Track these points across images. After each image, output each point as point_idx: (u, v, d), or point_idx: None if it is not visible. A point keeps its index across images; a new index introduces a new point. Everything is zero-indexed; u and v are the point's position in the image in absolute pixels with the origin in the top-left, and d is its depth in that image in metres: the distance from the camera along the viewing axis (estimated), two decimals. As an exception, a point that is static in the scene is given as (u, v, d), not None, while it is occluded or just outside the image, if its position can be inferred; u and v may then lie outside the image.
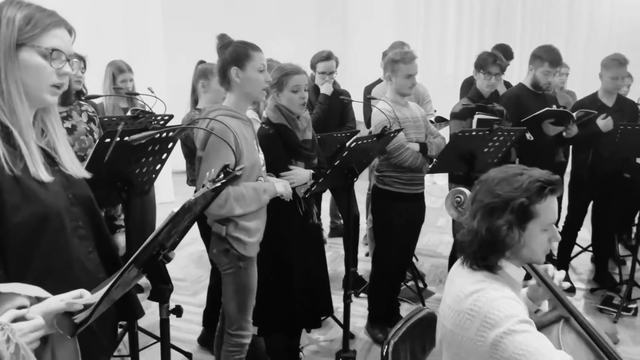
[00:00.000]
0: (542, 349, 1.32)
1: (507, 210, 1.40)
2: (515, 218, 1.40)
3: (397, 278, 3.41)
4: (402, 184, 3.09)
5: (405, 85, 3.03)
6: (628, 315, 3.62)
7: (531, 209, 1.41)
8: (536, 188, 1.41)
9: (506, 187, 1.43)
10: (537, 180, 1.42)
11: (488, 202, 1.44)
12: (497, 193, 1.43)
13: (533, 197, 1.40)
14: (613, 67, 3.68)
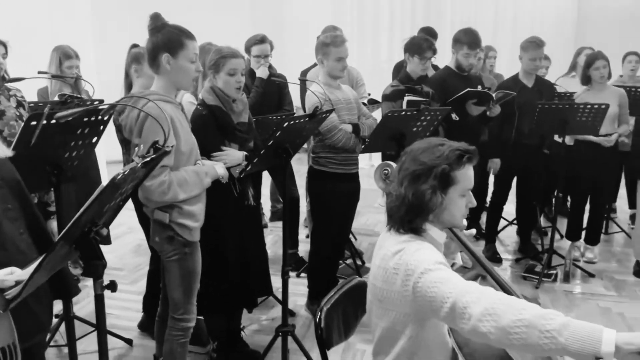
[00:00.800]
0: (454, 278, 1.41)
1: (431, 176, 1.52)
2: (438, 183, 1.53)
3: (335, 256, 3.52)
4: (337, 164, 3.19)
5: (336, 68, 3.11)
6: (548, 281, 3.91)
7: (451, 175, 1.54)
8: (456, 156, 1.54)
9: (430, 156, 1.55)
10: (457, 149, 1.55)
11: (414, 169, 1.55)
12: (421, 161, 1.55)
13: (453, 165, 1.53)
14: (531, 49, 3.92)
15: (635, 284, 3.90)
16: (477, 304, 1.30)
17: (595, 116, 3.71)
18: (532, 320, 1.23)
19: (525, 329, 1.23)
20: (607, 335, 1.18)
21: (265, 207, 5.14)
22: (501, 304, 1.29)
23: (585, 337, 1.19)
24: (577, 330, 1.20)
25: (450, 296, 1.35)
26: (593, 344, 1.18)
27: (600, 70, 3.99)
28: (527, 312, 1.25)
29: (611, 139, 3.97)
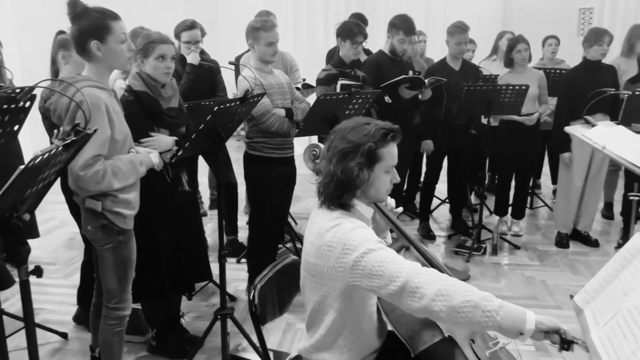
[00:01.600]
0: (399, 258, 1.52)
1: (358, 153, 1.60)
2: (365, 160, 1.60)
3: (274, 240, 3.56)
4: (272, 148, 3.22)
5: (267, 53, 3.13)
6: (478, 254, 4.13)
7: (377, 152, 1.61)
8: (381, 134, 1.61)
9: (357, 134, 1.62)
10: (382, 128, 1.63)
11: (342, 147, 1.62)
12: (349, 139, 1.62)
13: (379, 143, 1.61)
14: (456, 34, 4.08)
15: (556, 253, 4.18)
16: (430, 285, 1.43)
17: (517, 97, 3.93)
18: (477, 302, 1.41)
19: (472, 309, 1.40)
20: (529, 316, 1.43)
21: (204, 196, 5.11)
22: (451, 286, 1.43)
23: (515, 317, 1.41)
24: (509, 311, 1.42)
25: (400, 276, 1.45)
26: (520, 322, 1.41)
27: (521, 53, 4.21)
28: (473, 294, 1.43)
29: (532, 118, 4.20)
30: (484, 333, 1.84)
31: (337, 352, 1.68)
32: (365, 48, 4.37)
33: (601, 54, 4.07)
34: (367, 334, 1.71)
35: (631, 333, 1.56)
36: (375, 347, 1.77)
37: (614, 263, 1.89)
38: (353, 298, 1.63)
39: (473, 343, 1.71)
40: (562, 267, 3.91)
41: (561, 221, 4.34)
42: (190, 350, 2.73)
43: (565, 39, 5.50)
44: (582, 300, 1.92)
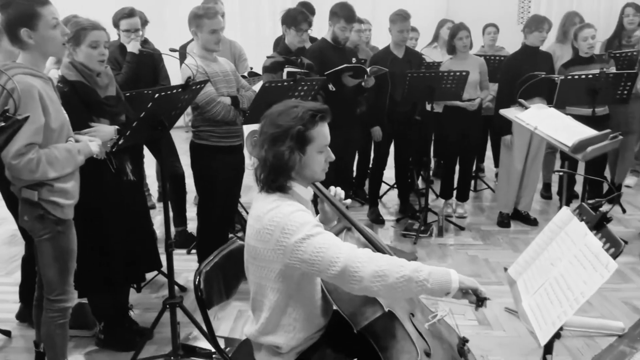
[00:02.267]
0: (337, 242, 1.58)
1: (288, 137, 1.62)
2: (295, 143, 1.63)
3: (223, 229, 3.56)
4: (219, 137, 3.21)
5: (211, 41, 3.11)
6: (425, 236, 4.25)
7: (307, 134, 1.64)
8: (309, 116, 1.64)
9: (285, 118, 1.64)
10: (310, 109, 1.65)
11: (272, 132, 1.64)
12: (278, 124, 1.64)
13: (307, 124, 1.64)
14: (398, 22, 4.16)
15: (498, 232, 4.36)
16: (367, 267, 1.50)
17: (458, 83, 4.05)
18: (410, 275, 1.50)
19: (407, 283, 1.50)
20: (454, 276, 1.54)
21: (153, 188, 5.03)
22: (386, 265, 1.51)
23: (442, 280, 1.53)
24: (437, 276, 1.52)
25: (339, 261, 1.51)
26: (447, 284, 1.53)
27: (463, 41, 4.34)
28: (405, 268, 1.51)
29: (474, 103, 4.35)
30: (424, 307, 1.92)
31: (282, 332, 1.72)
32: (311, 36, 4.40)
33: (540, 40, 4.24)
34: (312, 313, 1.75)
35: (557, 299, 1.67)
36: (322, 325, 1.81)
37: (543, 236, 2.01)
38: (293, 278, 1.66)
39: (413, 317, 1.78)
40: (504, 246, 4.09)
41: (503, 202, 4.52)
42: (139, 341, 2.70)
43: (505, 27, 5.70)
44: (514, 272, 2.03)
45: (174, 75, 4.04)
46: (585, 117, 3.79)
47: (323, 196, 1.87)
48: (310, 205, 1.80)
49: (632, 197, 5.05)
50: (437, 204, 4.93)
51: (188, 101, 2.68)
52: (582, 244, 1.72)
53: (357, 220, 1.91)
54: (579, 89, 3.74)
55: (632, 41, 4.70)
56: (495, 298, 3.24)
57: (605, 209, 1.88)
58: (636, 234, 4.10)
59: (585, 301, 1.56)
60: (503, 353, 2.72)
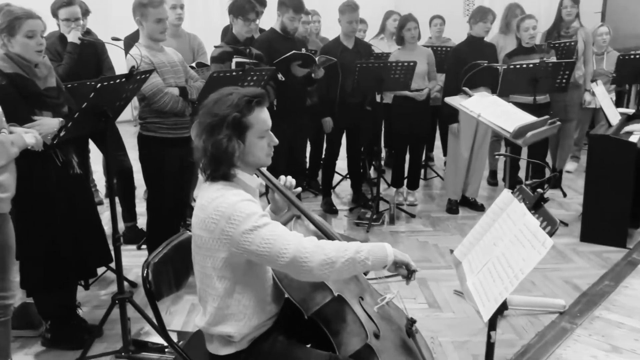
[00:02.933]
0: (284, 233, 1.59)
1: (224, 125, 1.61)
2: (232, 131, 1.61)
3: (174, 222, 3.50)
4: (167, 128, 3.15)
5: (156, 30, 3.04)
6: (377, 224, 4.32)
7: (244, 121, 1.63)
8: (244, 102, 1.63)
9: (221, 106, 1.63)
10: (245, 95, 1.64)
11: (208, 122, 1.63)
12: (214, 113, 1.63)
13: (244, 111, 1.63)
14: (347, 12, 4.19)
15: (447, 219, 4.48)
16: (314, 256, 1.55)
17: (406, 73, 4.12)
18: (353, 257, 1.58)
19: (351, 265, 1.58)
20: (389, 250, 1.65)
21: (100, 184, 4.88)
22: (332, 252, 1.57)
23: (381, 256, 1.63)
24: (376, 253, 1.62)
25: (287, 252, 1.55)
26: (384, 259, 1.63)
27: (411, 32, 4.41)
28: (349, 251, 1.59)
29: (422, 94, 4.44)
30: (373, 290, 1.95)
31: (233, 321, 1.71)
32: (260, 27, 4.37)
33: (485, 31, 4.36)
34: (262, 300, 1.75)
35: (499, 276, 1.74)
36: (273, 312, 1.82)
37: (486, 218, 2.09)
38: (239, 266, 1.66)
39: (362, 300, 1.82)
40: (453, 231, 4.20)
41: (451, 189, 4.65)
42: (87, 339, 2.63)
43: (451, 19, 5.83)
44: (460, 254, 2.10)
45: (120, 67, 3.93)
46: (528, 104, 3.95)
47: (271, 184, 1.87)
48: (257, 192, 1.80)
49: (572, 182, 5.29)
50: (389, 192, 5.02)
51: (133, 91, 2.61)
52: (522, 223, 1.80)
53: (308, 209, 1.92)
54: (520, 78, 3.89)
55: (570, 32, 4.90)
56: (445, 281, 3.35)
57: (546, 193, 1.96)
58: (576, 216, 4.29)
59: (526, 279, 1.64)
60: (452, 333, 2.81)
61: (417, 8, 5.66)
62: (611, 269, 3.45)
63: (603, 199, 3.77)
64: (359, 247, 1.60)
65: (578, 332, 2.78)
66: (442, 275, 3.42)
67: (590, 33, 4.98)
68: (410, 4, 7.42)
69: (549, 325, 2.86)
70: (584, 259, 3.65)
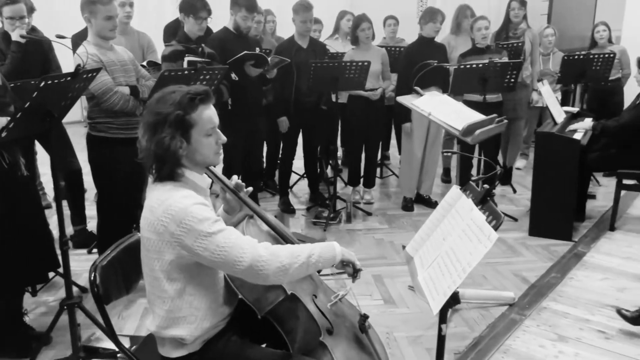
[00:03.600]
0: (239, 241, 1.57)
1: (167, 124, 1.58)
2: (175, 129, 1.59)
3: (126, 225, 3.41)
4: (117, 128, 3.08)
5: (106, 28, 2.96)
6: (334, 223, 4.35)
7: (187, 118, 1.60)
8: (187, 100, 1.60)
9: (163, 105, 1.60)
10: (188, 93, 1.62)
11: (151, 121, 1.60)
12: (157, 111, 1.60)
13: (187, 109, 1.60)
14: (301, 12, 4.20)
15: (402, 216, 4.55)
16: (270, 265, 1.57)
17: (361, 72, 4.15)
18: (304, 261, 1.62)
19: (304, 268, 1.63)
20: (337, 249, 1.70)
21: (48, 187, 4.72)
22: (285, 259, 1.59)
23: (330, 256, 1.68)
24: (326, 254, 1.67)
25: (243, 261, 1.56)
26: (334, 258, 1.69)
27: (365, 32, 4.46)
28: (301, 256, 1.62)
29: (376, 93, 4.49)
30: (326, 287, 1.97)
31: (185, 323, 1.68)
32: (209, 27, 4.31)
33: (435, 31, 4.45)
34: (214, 302, 1.73)
35: (448, 270, 1.78)
36: (226, 314, 1.80)
37: (436, 214, 2.14)
38: (189, 268, 1.64)
39: (315, 298, 1.83)
40: (408, 228, 4.28)
41: (406, 187, 4.73)
42: (35, 347, 2.54)
43: (405, 20, 5.92)
44: (411, 249, 2.14)
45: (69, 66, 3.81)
46: (479, 103, 4.06)
47: (222, 184, 1.86)
48: (207, 192, 1.78)
49: (521, 179, 5.46)
50: (345, 191, 5.06)
51: (80, 90, 2.54)
52: (469, 218, 1.85)
53: (261, 208, 1.92)
54: (471, 78, 3.99)
55: (518, 33, 5.06)
56: (400, 277, 3.40)
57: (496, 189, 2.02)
58: (525, 211, 4.44)
59: (478, 272, 1.71)
60: (406, 328, 2.86)
61: (371, 8, 5.73)
62: (557, 262, 3.59)
63: (550, 195, 3.92)
64: (310, 251, 1.64)
65: (527, 323, 2.88)
66: (398, 271, 3.47)
67: (537, 34, 5.16)
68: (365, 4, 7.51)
69: (499, 317, 2.95)
70: (532, 253, 3.79)
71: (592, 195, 4.81)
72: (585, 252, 3.70)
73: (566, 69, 4.82)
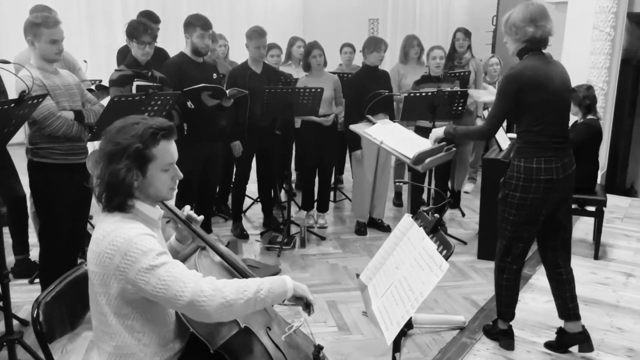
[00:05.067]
0: (181, 274, 1.53)
1: (125, 155, 1.55)
2: (133, 162, 1.56)
3: (70, 254, 3.29)
4: (61, 154, 2.98)
5: (51, 51, 2.88)
6: (288, 248, 4.33)
7: (146, 152, 1.58)
8: (149, 134, 1.58)
9: (124, 135, 1.57)
10: (151, 127, 1.59)
11: (109, 149, 1.57)
12: (116, 141, 1.57)
13: (148, 142, 1.58)
14: (254, 38, 4.22)
15: (356, 240, 4.58)
16: (212, 301, 1.51)
17: (314, 99, 4.20)
18: (251, 297, 1.57)
19: (251, 304, 1.57)
20: (289, 285, 1.66)
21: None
22: (230, 294, 1.54)
23: (281, 292, 1.64)
24: (276, 289, 1.63)
25: (184, 295, 1.50)
26: (285, 294, 1.66)
27: (317, 59, 4.52)
28: (248, 292, 1.56)
29: (329, 119, 4.55)
30: (280, 319, 1.95)
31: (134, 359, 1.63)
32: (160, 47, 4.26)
33: (379, 60, 4.55)
34: (164, 337, 1.68)
35: (401, 300, 1.81)
36: (177, 349, 1.75)
37: (389, 242, 2.16)
38: (137, 304, 1.59)
39: (269, 330, 1.80)
40: (361, 253, 4.31)
41: (359, 211, 4.77)
42: (-31, 388, 2.39)
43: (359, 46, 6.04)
44: (365, 278, 2.15)
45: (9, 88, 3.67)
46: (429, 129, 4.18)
47: (174, 216, 1.83)
48: (158, 224, 1.74)
49: (470, 202, 5.63)
50: (300, 215, 5.06)
51: (24, 117, 2.45)
52: (421, 247, 1.89)
53: (216, 234, 1.89)
54: (421, 105, 4.11)
55: (463, 62, 5.27)
56: (354, 303, 3.41)
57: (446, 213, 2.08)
58: (474, 235, 4.56)
59: (429, 297, 1.71)
60: (360, 356, 2.86)
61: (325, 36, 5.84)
62: (505, 284, 3.69)
63: (496, 218, 4.03)
64: (258, 286, 1.59)
65: (477, 347, 2.94)
66: (352, 297, 3.48)
67: (480, 64, 5.39)
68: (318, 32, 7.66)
69: (451, 342, 3.00)
70: (481, 276, 3.89)
71: (536, 218, 5.00)
72: (530, 274, 3.83)
73: (509, 97, 5.02)
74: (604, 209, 4.09)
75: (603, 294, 3.54)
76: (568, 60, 6.05)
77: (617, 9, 5.75)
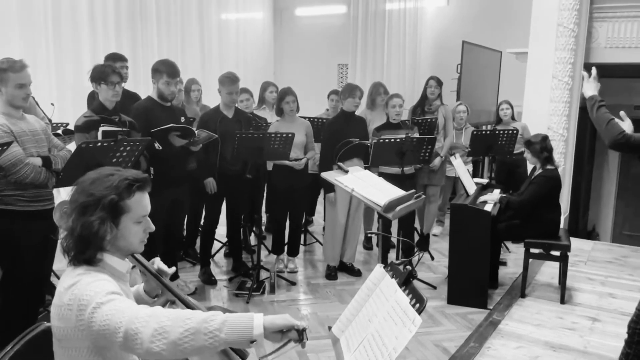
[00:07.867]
0: (124, 307, 1.41)
1: (99, 207, 1.52)
2: (107, 214, 1.53)
3: (33, 305, 3.16)
4: (27, 201, 2.91)
5: (18, 96, 2.84)
6: (258, 294, 4.25)
7: (121, 204, 1.55)
8: (125, 185, 1.56)
9: (98, 187, 1.54)
10: (126, 178, 1.57)
11: (82, 201, 1.53)
12: (90, 192, 1.54)
13: (123, 194, 1.55)
14: (227, 84, 4.26)
15: (325, 285, 4.55)
16: (146, 327, 1.35)
17: (285, 143, 4.23)
18: (196, 327, 1.35)
19: (193, 337, 1.34)
20: (257, 320, 1.39)
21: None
22: (168, 321, 1.36)
23: (241, 328, 1.36)
24: (234, 323, 1.36)
25: (121, 325, 1.37)
26: (247, 331, 1.36)
27: (289, 104, 4.58)
28: (192, 321, 1.36)
29: (300, 163, 4.57)
30: None
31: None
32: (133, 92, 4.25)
33: (354, 106, 4.65)
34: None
35: (374, 355, 1.78)
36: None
37: (361, 293, 2.15)
38: (107, 355, 1.52)
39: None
40: (332, 298, 4.27)
41: (329, 255, 4.76)
42: None
43: (326, 91, 6.18)
44: (337, 330, 2.13)
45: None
46: (396, 175, 4.25)
47: (144, 269, 1.78)
48: (127, 277, 1.69)
49: (438, 245, 5.68)
50: (269, 259, 5.00)
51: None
52: (393, 300, 1.88)
53: (183, 280, 1.85)
54: (389, 151, 4.19)
55: (432, 109, 5.42)
56: (325, 352, 3.35)
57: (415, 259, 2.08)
58: (443, 278, 4.59)
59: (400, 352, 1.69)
60: (332, 408, 2.79)
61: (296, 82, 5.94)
62: (475, 330, 3.70)
63: (465, 264, 4.09)
64: (210, 316, 1.36)
65: (449, 396, 2.92)
66: (322, 345, 3.42)
67: (449, 110, 5.55)
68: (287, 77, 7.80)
69: (423, 391, 2.97)
70: (451, 322, 3.89)
71: (504, 262, 5.08)
72: (499, 319, 3.86)
73: (475, 143, 5.18)
74: (568, 254, 4.19)
75: (570, 339, 3.58)
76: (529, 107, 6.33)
77: (575, 60, 6.06)
